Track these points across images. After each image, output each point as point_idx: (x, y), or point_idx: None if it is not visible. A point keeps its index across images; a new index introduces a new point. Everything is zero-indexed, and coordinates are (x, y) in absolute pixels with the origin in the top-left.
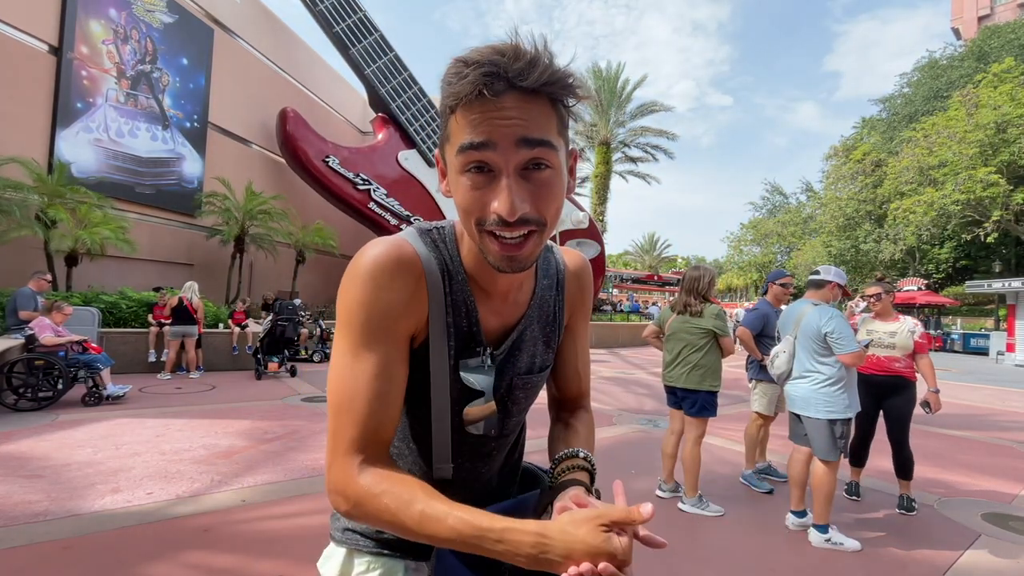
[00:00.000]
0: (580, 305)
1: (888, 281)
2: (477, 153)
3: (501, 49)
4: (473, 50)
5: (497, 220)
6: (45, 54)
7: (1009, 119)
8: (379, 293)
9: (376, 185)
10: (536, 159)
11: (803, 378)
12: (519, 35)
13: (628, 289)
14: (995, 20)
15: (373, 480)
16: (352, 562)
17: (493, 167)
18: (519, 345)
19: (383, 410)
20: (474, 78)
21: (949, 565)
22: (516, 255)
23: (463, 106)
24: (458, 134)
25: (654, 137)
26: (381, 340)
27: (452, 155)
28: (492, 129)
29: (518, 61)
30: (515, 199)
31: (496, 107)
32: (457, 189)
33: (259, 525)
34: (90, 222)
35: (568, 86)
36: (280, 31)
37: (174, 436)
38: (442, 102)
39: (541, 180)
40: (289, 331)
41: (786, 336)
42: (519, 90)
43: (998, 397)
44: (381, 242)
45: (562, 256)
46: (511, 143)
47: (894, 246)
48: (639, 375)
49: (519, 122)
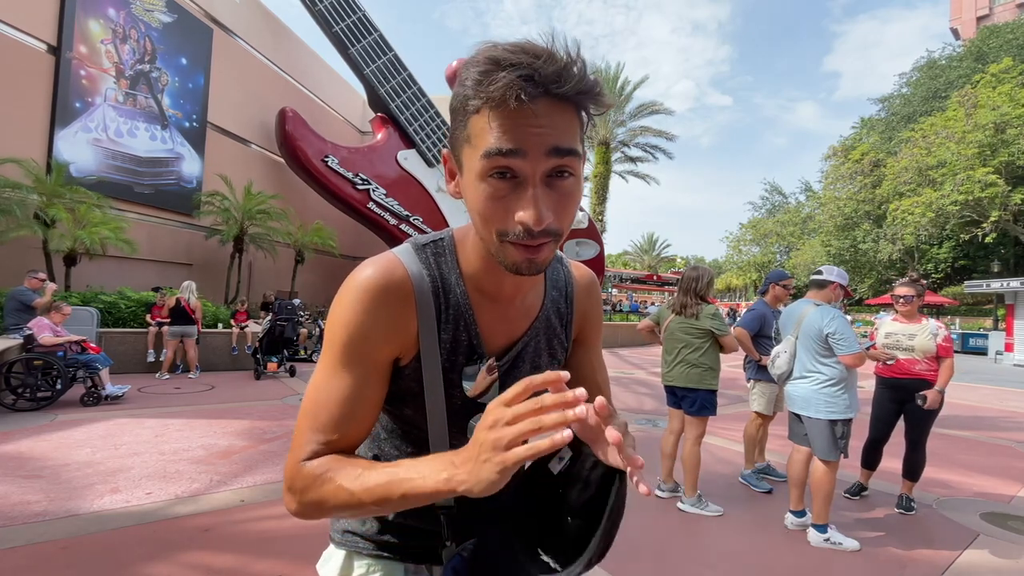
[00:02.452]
0: (592, 318)
1: (920, 283)
2: (505, 160)
3: (534, 51)
4: (501, 48)
5: (521, 232)
6: (44, 53)
7: (1008, 119)
8: (362, 318)
9: (375, 185)
10: (561, 167)
11: (804, 378)
12: (554, 38)
13: (627, 289)
14: (994, 20)
15: (316, 464)
16: (352, 564)
17: (519, 174)
18: (523, 356)
19: (347, 426)
20: (509, 81)
21: (948, 565)
22: (535, 258)
23: (492, 107)
24: (482, 137)
25: (653, 137)
26: (357, 363)
27: (472, 158)
28: (524, 137)
29: (553, 66)
30: (543, 210)
31: (530, 112)
32: (475, 195)
33: (258, 525)
34: (89, 222)
35: (597, 95)
36: (279, 31)
37: (173, 436)
38: (461, 100)
39: (564, 189)
40: (288, 331)
41: (787, 336)
42: (552, 97)
43: (997, 397)
44: (373, 263)
45: (572, 269)
46: (542, 152)
47: (892, 246)
48: (638, 375)
49: (550, 130)
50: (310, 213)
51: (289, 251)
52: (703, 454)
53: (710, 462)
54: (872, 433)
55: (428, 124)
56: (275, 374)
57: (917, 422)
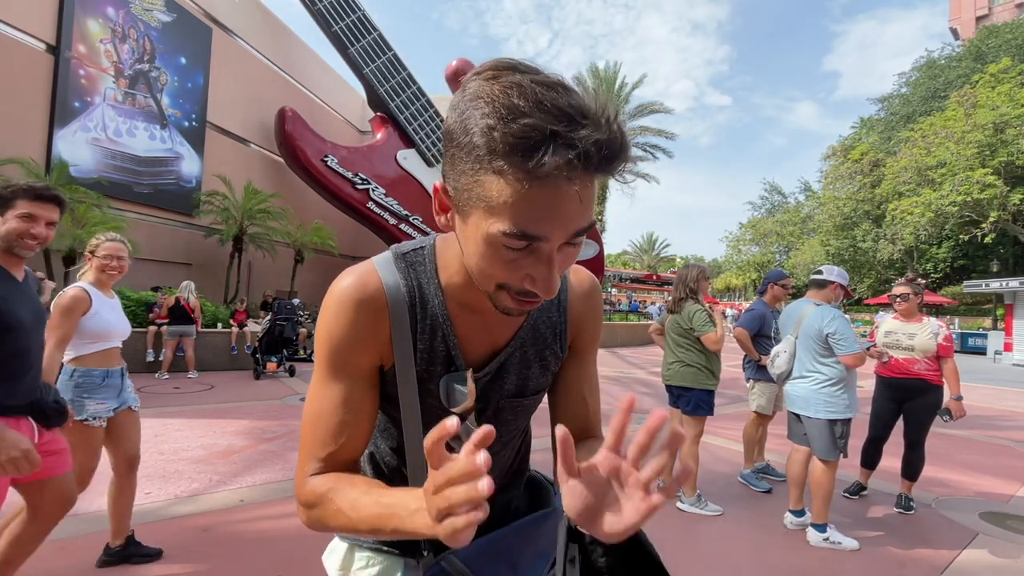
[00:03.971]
0: (587, 328)
1: (917, 282)
2: (526, 241)
3: (580, 114)
4: (531, 93)
5: (527, 291)
6: (43, 53)
7: (1007, 119)
8: (341, 329)
9: (375, 184)
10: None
11: (803, 378)
12: (597, 99)
13: (627, 289)
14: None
15: (321, 481)
16: (353, 556)
17: (536, 248)
18: (507, 367)
19: (345, 435)
20: (559, 158)
21: (947, 564)
22: (530, 308)
23: (524, 179)
24: (503, 210)
25: (653, 137)
26: (344, 372)
27: (483, 219)
28: (552, 224)
29: (598, 137)
30: (556, 280)
31: (565, 192)
32: (480, 250)
33: (257, 525)
34: (88, 221)
35: (629, 166)
36: (279, 30)
37: (172, 436)
38: (469, 144)
39: (573, 253)
40: (288, 331)
41: (787, 336)
42: (592, 173)
43: (996, 396)
44: (350, 273)
45: (570, 275)
46: (566, 237)
47: (892, 246)
48: (638, 374)
49: (579, 211)
50: (309, 213)
51: (288, 251)
52: (702, 453)
53: (710, 461)
54: (871, 432)
55: (428, 124)
56: (274, 374)
57: (916, 422)
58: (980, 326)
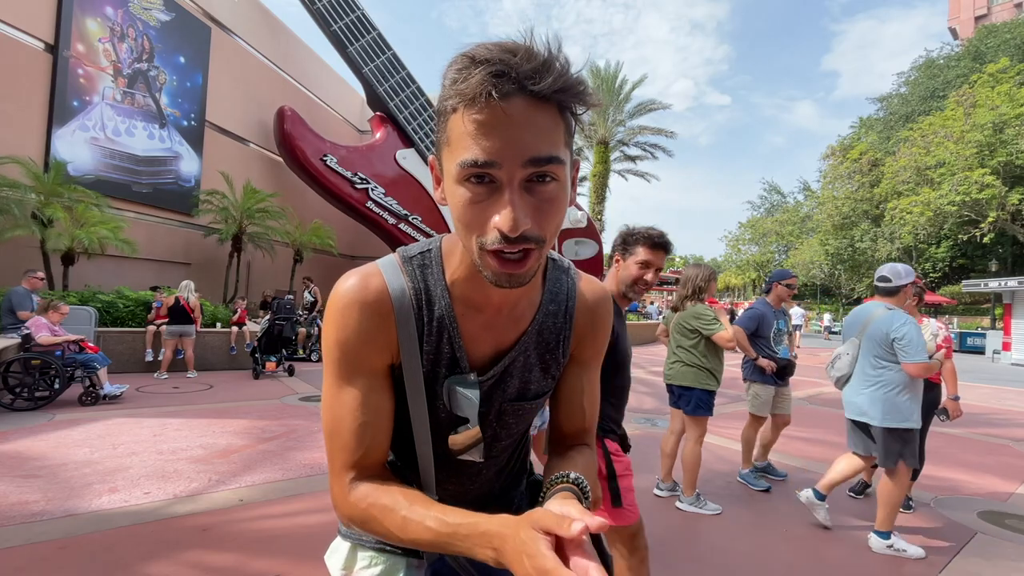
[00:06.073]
0: (591, 338)
1: (918, 283)
2: (479, 170)
3: (511, 48)
4: (480, 46)
5: (498, 237)
6: (41, 52)
7: (1006, 119)
8: (347, 332)
9: (374, 184)
10: (542, 173)
11: (866, 384)
12: (533, 36)
13: None
14: (992, 20)
15: (359, 495)
16: (356, 556)
17: (496, 179)
18: (511, 371)
19: (368, 436)
20: (481, 77)
21: (946, 563)
22: (516, 272)
23: (466, 107)
24: (459, 144)
25: (652, 136)
26: (357, 374)
27: (451, 162)
28: (498, 146)
29: (530, 62)
30: (519, 215)
31: (503, 113)
32: (455, 199)
33: (257, 524)
34: (87, 221)
35: (580, 94)
36: (278, 29)
37: (171, 435)
38: (441, 101)
39: (546, 194)
40: (287, 330)
41: (850, 339)
42: (529, 95)
43: (994, 396)
44: (354, 275)
45: (580, 284)
46: (518, 163)
47: (891, 245)
48: (638, 374)
49: (528, 136)
50: (308, 212)
51: (288, 250)
52: (702, 453)
53: (709, 461)
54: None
55: (427, 123)
56: (274, 373)
57: None
58: (979, 325)
